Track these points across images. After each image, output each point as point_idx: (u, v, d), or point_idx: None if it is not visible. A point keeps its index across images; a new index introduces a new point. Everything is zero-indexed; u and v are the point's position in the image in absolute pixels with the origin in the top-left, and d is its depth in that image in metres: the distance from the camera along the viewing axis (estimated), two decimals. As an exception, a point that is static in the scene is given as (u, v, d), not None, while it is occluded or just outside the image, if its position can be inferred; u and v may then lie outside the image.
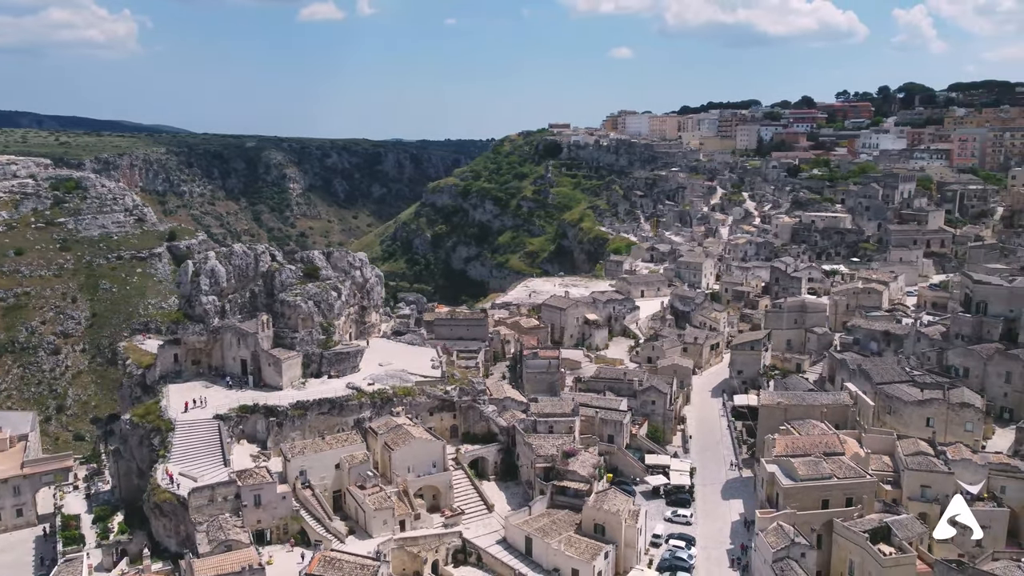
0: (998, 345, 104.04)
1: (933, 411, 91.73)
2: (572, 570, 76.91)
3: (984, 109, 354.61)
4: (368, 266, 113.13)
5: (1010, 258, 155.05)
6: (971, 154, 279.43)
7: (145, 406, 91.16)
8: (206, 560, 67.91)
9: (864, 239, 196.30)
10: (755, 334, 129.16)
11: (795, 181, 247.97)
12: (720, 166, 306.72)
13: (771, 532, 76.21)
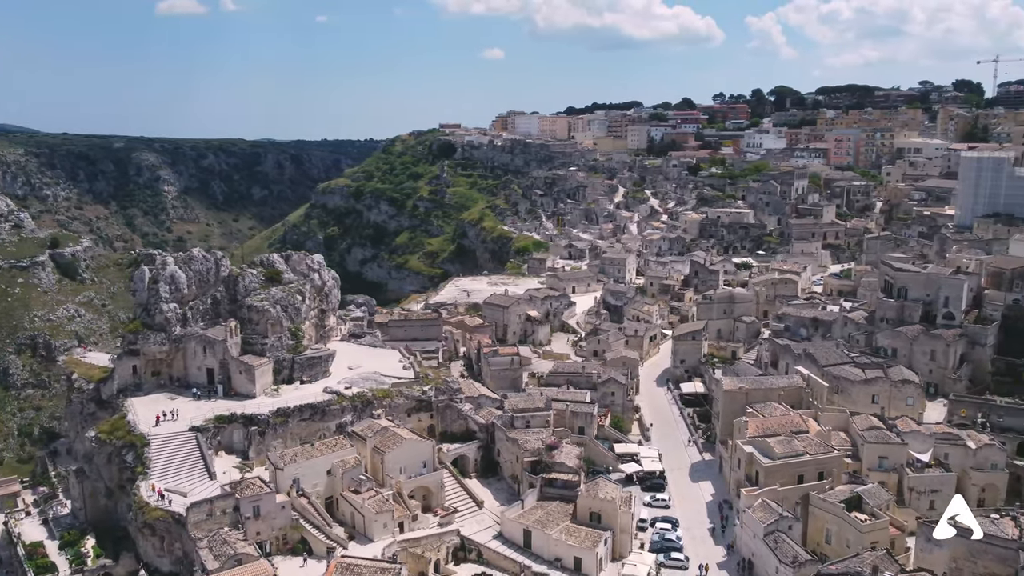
0: (920, 326, 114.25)
1: (878, 389, 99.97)
2: (575, 558, 79.06)
3: (850, 111, 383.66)
4: (325, 269, 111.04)
5: (903, 248, 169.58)
6: (846, 153, 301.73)
7: (110, 422, 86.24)
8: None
9: (767, 233, 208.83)
10: (694, 325, 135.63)
11: (696, 179, 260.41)
12: (619, 165, 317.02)
13: (758, 508, 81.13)
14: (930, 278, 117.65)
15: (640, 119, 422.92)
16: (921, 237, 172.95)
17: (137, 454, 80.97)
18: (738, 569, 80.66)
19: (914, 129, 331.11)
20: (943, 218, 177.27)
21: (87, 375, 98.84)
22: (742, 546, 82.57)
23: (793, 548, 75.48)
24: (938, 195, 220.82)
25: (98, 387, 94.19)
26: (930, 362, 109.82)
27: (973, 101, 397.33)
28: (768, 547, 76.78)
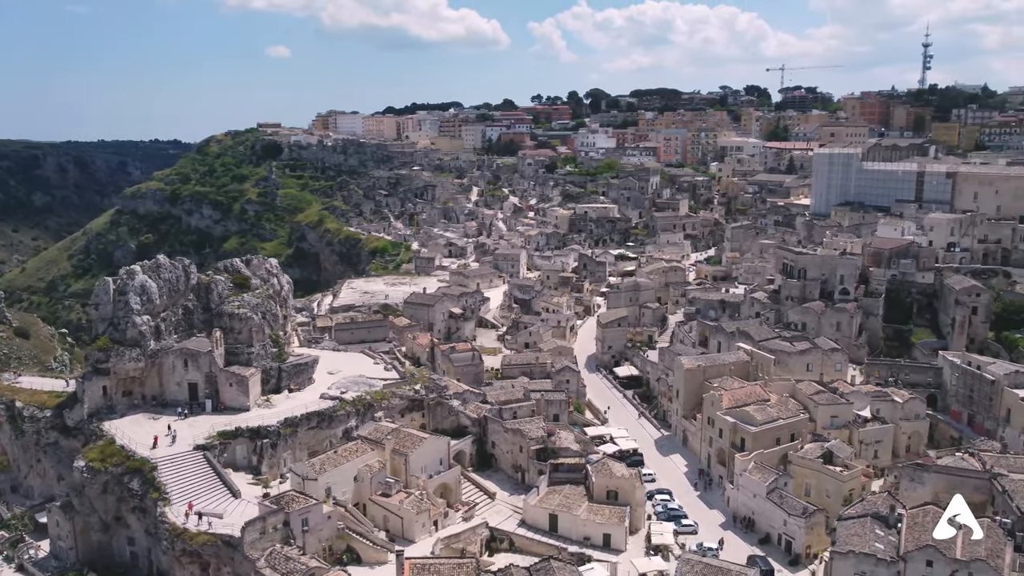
0: (821, 302, 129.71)
1: (811, 358, 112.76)
2: (604, 535, 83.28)
3: (665, 112, 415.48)
4: (282, 273, 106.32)
5: (762, 235, 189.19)
6: (675, 151, 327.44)
7: (98, 448, 78.18)
8: (301, 593, 62.92)
9: (633, 226, 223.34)
10: (617, 312, 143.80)
11: (554, 177, 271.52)
12: (466, 164, 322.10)
13: (754, 471, 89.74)
14: (825, 259, 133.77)
15: (470, 119, 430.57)
16: (777, 225, 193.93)
17: (146, 479, 74.37)
18: (740, 527, 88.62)
19: (723, 129, 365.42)
20: (796, 208, 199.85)
21: (34, 402, 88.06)
22: (739, 506, 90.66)
23: (797, 501, 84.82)
24: (769, 188, 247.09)
25: (59, 413, 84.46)
26: (836, 332, 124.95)
27: (764, 104, 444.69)
28: (773, 503, 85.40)
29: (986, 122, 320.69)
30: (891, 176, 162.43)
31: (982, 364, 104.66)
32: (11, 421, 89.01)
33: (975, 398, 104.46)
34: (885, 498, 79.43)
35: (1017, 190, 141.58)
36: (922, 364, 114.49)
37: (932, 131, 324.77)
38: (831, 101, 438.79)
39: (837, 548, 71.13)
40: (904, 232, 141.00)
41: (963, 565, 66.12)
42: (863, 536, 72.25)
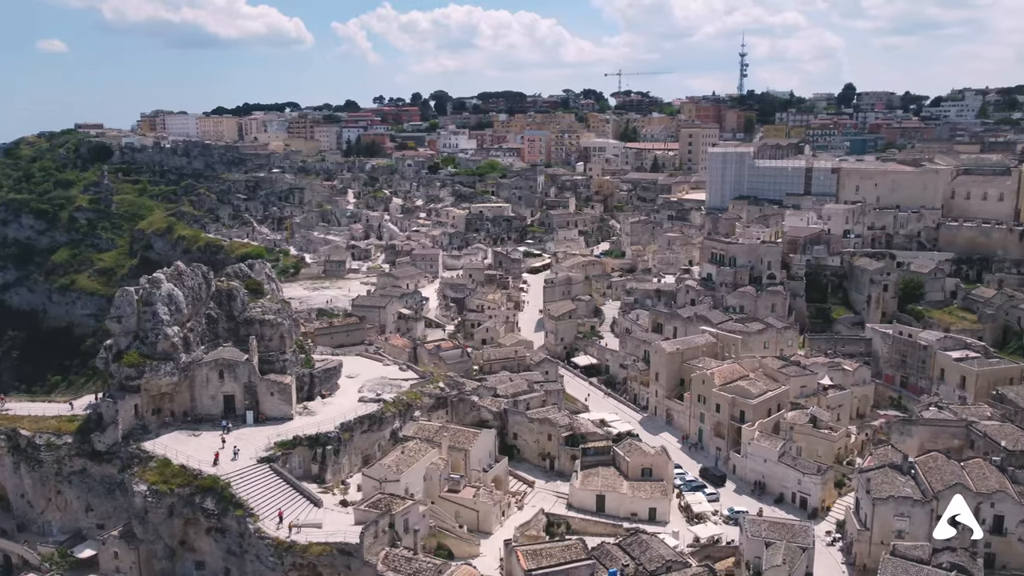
0: (751, 287, 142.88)
1: (768, 337, 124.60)
2: (649, 509, 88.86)
3: (516, 114, 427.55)
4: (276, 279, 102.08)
5: (657, 230, 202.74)
6: (539, 152, 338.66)
7: (155, 471, 72.74)
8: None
9: (529, 224, 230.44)
10: (566, 305, 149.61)
11: (439, 177, 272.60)
12: (334, 166, 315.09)
13: (763, 438, 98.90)
14: (752, 248, 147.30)
15: (319, 121, 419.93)
16: (671, 219, 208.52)
17: (222, 497, 70.39)
18: (753, 491, 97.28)
19: (573, 131, 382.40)
20: (688, 203, 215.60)
21: (43, 429, 79.26)
22: (748, 472, 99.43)
23: (808, 461, 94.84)
24: (643, 186, 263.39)
25: (85, 438, 76.93)
26: (771, 313, 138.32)
27: (603, 107, 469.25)
28: (786, 465, 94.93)
29: (807, 124, 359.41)
30: (782, 172, 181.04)
31: (913, 332, 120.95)
32: (15, 452, 79.33)
33: (908, 362, 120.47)
34: (890, 451, 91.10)
35: (893, 183, 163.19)
36: (856, 336, 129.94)
37: (762, 132, 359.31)
38: (664, 104, 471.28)
39: (876, 495, 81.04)
40: (808, 222, 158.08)
41: (985, 497, 78.17)
42: (891, 483, 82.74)
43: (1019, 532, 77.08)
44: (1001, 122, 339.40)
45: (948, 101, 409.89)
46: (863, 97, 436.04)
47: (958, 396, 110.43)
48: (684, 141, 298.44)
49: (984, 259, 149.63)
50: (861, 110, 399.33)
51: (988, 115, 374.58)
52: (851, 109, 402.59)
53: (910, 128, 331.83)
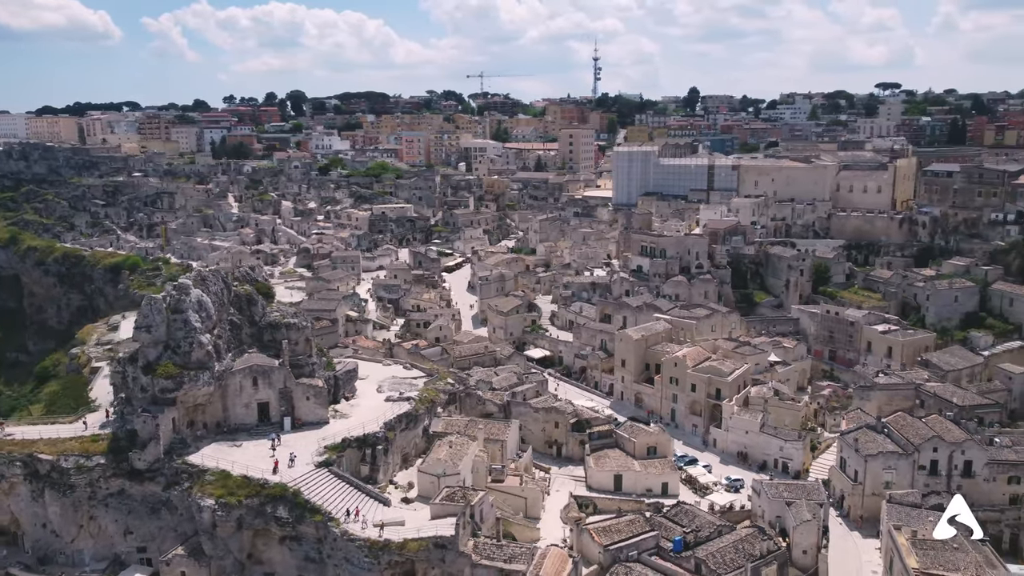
0: (682, 276, 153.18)
1: (714, 321, 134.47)
2: (662, 484, 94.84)
3: (383, 115, 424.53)
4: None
5: (566, 227, 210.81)
6: (417, 152, 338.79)
7: (217, 484, 69.79)
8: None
9: (434, 224, 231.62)
10: (512, 301, 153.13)
11: (332, 179, 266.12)
12: (206, 169, 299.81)
13: (741, 412, 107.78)
14: (680, 240, 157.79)
15: (174, 121, 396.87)
16: (577, 216, 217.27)
17: (297, 504, 68.84)
18: (736, 461, 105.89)
19: (440, 131, 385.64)
20: (594, 200, 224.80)
21: (66, 450, 72.98)
22: (729, 444, 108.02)
23: (787, 430, 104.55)
24: (534, 184, 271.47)
25: (122, 456, 71.88)
26: (704, 299, 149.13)
27: (467, 109, 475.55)
28: (768, 434, 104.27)
29: (665, 125, 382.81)
30: (686, 169, 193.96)
31: (840, 310, 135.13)
32: (34, 479, 72.32)
33: (835, 337, 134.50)
34: (860, 414, 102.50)
35: (787, 178, 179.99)
36: (784, 317, 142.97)
37: (625, 133, 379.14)
38: (525, 106, 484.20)
39: (867, 452, 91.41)
40: (721, 215, 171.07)
41: (956, 446, 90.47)
42: (874, 442, 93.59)
43: (984, 473, 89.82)
44: (832, 123, 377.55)
45: (782, 104, 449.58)
46: (707, 100, 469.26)
47: (885, 365, 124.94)
48: (564, 141, 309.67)
49: (870, 244, 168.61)
50: (709, 112, 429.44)
51: (818, 117, 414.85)
52: (702, 111, 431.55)
53: (758, 129, 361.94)
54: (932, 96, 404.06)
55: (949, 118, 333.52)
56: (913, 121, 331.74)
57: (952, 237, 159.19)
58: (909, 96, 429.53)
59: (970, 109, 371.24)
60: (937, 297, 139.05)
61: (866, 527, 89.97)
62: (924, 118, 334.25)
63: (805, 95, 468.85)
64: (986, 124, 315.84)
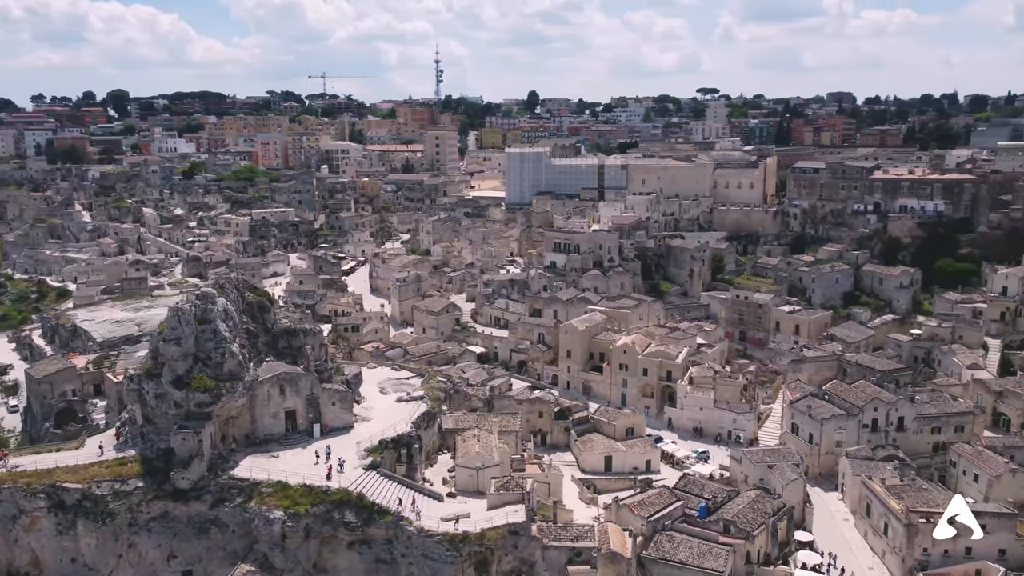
0: (597, 270, 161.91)
1: (643, 310, 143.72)
2: (646, 462, 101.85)
3: (224, 116, 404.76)
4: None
5: (458, 224, 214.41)
6: (274, 155, 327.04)
7: (276, 495, 67.94)
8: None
9: (318, 228, 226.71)
10: (440, 301, 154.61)
11: (196, 184, 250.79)
12: (40, 175, 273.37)
13: (694, 391, 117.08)
14: (592, 236, 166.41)
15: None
16: (467, 216, 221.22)
17: (363, 506, 68.58)
18: (693, 436, 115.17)
19: (284, 131, 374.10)
20: (484, 200, 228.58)
21: (94, 477, 67.26)
22: (685, 421, 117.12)
23: (739, 404, 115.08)
24: (409, 186, 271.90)
25: (164, 477, 67.63)
26: (621, 291, 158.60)
27: (310, 109, 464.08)
28: (722, 409, 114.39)
29: (515, 127, 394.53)
30: (576, 169, 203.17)
31: (749, 295, 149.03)
32: (60, 511, 65.79)
33: (745, 319, 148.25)
34: (798, 385, 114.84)
35: (672, 176, 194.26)
36: (696, 303, 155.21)
37: (480, 134, 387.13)
38: (366, 106, 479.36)
39: (821, 416, 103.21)
40: (620, 211, 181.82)
41: (891, 404, 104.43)
42: (822, 407, 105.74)
43: (913, 427, 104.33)
44: (668, 125, 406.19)
45: (617, 108, 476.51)
46: (547, 103, 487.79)
47: (793, 341, 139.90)
48: (430, 143, 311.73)
49: (749, 235, 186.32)
50: (553, 115, 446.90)
51: (652, 119, 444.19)
52: (547, 114, 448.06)
53: (604, 131, 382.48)
54: (751, 101, 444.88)
55: (770, 121, 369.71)
56: (743, 123, 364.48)
57: (821, 226, 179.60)
58: (727, 100, 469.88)
59: (783, 112, 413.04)
60: (821, 280, 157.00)
61: (823, 483, 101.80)
62: (752, 120, 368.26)
63: (635, 99, 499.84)
64: (803, 126, 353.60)
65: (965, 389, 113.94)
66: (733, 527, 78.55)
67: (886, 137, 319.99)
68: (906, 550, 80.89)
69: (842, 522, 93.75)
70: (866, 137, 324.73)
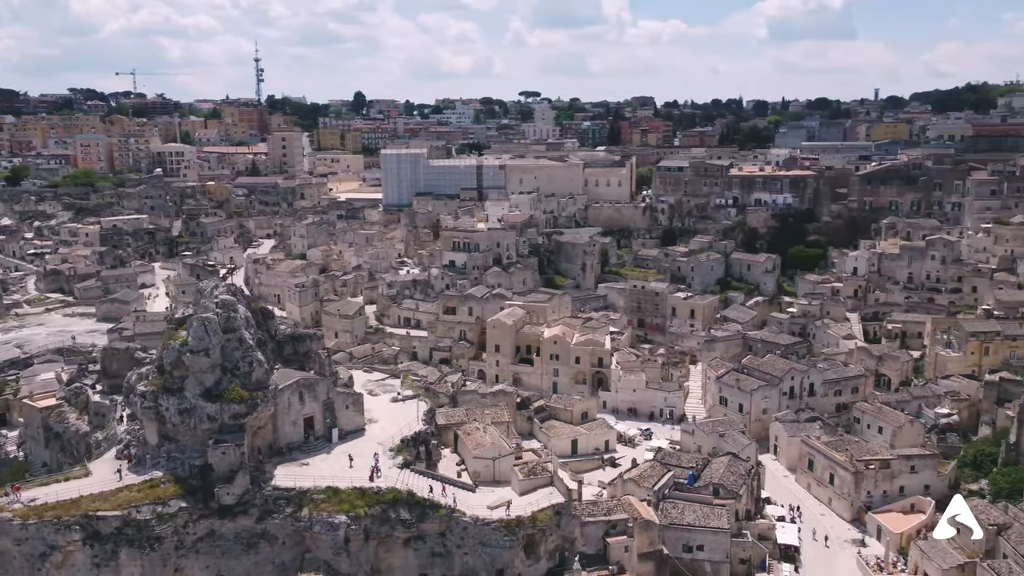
0: (497, 268, 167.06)
1: (555, 303, 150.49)
2: (605, 441, 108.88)
3: (23, 116, 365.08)
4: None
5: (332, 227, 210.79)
6: (97, 158, 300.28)
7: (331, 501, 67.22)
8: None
9: (179, 235, 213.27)
10: (351, 304, 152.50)
11: (25, 191, 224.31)
12: None
13: (625, 374, 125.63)
14: (490, 234, 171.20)
15: None
16: (340, 219, 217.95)
17: (415, 503, 69.49)
18: (627, 413, 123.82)
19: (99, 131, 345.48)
20: (359, 202, 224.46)
21: (128, 502, 62.17)
22: (619, 402, 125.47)
23: (669, 383, 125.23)
24: (263, 189, 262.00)
25: (207, 494, 64.11)
26: (523, 286, 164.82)
27: (120, 108, 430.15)
28: (654, 389, 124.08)
29: (355, 128, 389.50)
30: (455, 170, 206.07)
31: (645, 284, 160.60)
32: (97, 542, 60.06)
33: (643, 307, 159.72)
34: (717, 362, 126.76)
35: (548, 176, 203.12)
36: (594, 295, 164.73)
37: (316, 135, 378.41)
38: (182, 106, 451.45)
39: (749, 388, 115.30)
40: (506, 210, 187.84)
41: (803, 372, 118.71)
42: (747, 380, 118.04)
43: (821, 391, 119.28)
44: (502, 127, 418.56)
45: (446, 109, 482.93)
46: (375, 104, 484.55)
47: (689, 325, 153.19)
48: (276, 145, 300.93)
49: (622, 230, 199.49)
50: (388, 117, 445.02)
51: (482, 120, 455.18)
52: (381, 115, 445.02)
53: (443, 132, 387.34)
54: (577, 104, 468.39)
55: (600, 123, 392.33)
56: (575, 125, 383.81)
57: (687, 220, 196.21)
58: (550, 103, 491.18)
59: (604, 115, 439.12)
60: (699, 268, 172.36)
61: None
62: (585, 123, 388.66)
63: (461, 100, 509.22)
64: (629, 128, 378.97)
65: (849, 356, 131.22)
66: (722, 489, 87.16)
67: (704, 138, 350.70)
68: (854, 494, 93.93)
69: (783, 479, 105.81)
70: (687, 138, 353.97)
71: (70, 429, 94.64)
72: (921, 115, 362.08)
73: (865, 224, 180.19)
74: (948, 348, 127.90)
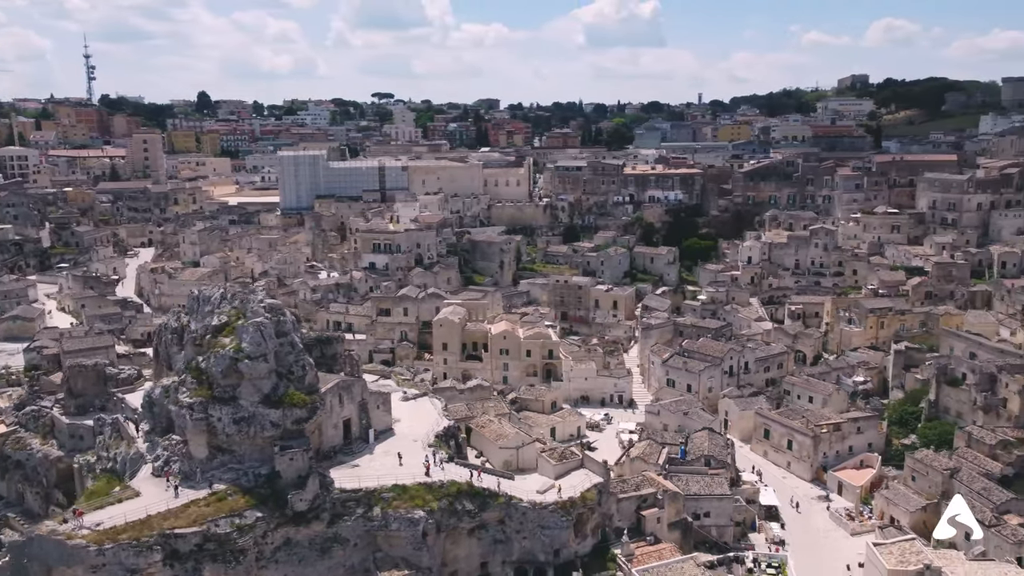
0: (420, 268, 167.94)
1: (488, 300, 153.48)
2: (577, 428, 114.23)
3: None
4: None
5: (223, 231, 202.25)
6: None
7: (403, 499, 67.79)
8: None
9: (51, 246, 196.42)
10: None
11: None
12: None
13: (577, 364, 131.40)
14: (410, 235, 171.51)
15: None
16: (233, 224, 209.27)
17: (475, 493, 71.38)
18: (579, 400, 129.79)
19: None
20: (252, 206, 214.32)
21: (202, 517, 59.05)
22: (572, 391, 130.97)
23: (618, 369, 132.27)
24: (131, 195, 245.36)
25: (282, 502, 62.32)
26: (448, 285, 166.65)
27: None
28: (604, 376, 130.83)
29: (211, 130, 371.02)
30: (357, 171, 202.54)
31: (568, 279, 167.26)
32: (178, 560, 56.43)
33: (566, 300, 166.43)
34: (660, 347, 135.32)
35: (450, 177, 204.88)
36: (518, 291, 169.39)
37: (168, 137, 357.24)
38: (3, 106, 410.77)
39: (696, 369, 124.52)
40: (417, 210, 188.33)
41: (740, 352, 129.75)
42: (691, 361, 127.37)
43: (754, 368, 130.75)
44: (362, 129, 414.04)
45: (300, 111, 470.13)
46: (222, 104, 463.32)
47: (612, 316, 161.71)
48: (137, 148, 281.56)
49: (525, 228, 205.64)
50: (240, 117, 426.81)
51: (339, 122, 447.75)
52: (234, 116, 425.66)
53: (305, 134, 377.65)
54: (435, 107, 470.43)
55: (464, 124, 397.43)
56: (442, 127, 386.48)
57: (587, 217, 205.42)
58: (406, 104, 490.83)
59: (464, 116, 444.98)
60: (609, 262, 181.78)
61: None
62: (452, 124, 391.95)
63: (312, 101, 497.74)
64: (494, 129, 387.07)
65: (767, 336, 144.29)
66: (713, 460, 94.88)
67: (567, 139, 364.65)
68: (813, 456, 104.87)
69: (739, 449, 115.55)
70: (551, 139, 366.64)
71: (35, 455, 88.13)
72: (756, 118, 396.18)
73: (749, 217, 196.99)
74: (850, 324, 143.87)
